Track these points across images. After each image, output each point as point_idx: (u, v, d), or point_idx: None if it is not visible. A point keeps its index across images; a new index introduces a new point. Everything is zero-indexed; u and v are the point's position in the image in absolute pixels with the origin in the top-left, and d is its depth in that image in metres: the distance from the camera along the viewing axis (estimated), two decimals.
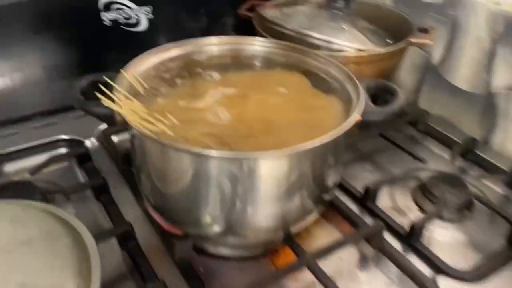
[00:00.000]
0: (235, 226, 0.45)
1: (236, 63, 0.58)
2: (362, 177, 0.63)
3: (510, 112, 0.67)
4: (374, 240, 0.52)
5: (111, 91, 0.45)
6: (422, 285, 0.47)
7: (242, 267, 0.49)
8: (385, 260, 0.50)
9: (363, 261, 0.51)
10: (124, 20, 0.73)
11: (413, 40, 0.67)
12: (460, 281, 0.49)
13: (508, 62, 0.65)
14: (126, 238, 0.50)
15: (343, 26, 0.68)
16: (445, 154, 0.68)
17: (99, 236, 0.48)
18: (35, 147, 0.64)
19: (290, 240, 0.49)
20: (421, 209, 0.58)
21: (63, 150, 0.65)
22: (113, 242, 0.50)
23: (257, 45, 0.58)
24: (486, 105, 0.70)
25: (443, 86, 0.75)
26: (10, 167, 0.62)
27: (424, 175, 0.61)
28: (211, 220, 0.45)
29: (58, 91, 0.71)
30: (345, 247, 0.50)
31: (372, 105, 0.49)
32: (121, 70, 0.49)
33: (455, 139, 0.69)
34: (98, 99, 0.44)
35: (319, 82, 0.55)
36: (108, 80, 0.47)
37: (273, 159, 0.41)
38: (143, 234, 0.52)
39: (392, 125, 0.70)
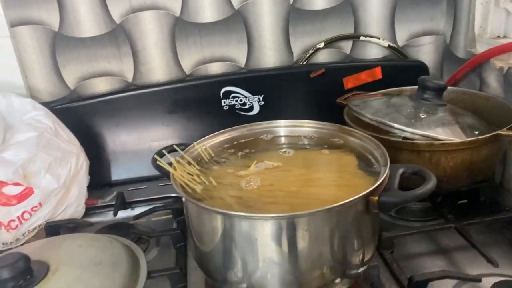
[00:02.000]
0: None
1: (299, 143, 0.65)
2: (426, 269, 0.60)
3: None
4: None
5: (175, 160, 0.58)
6: None
7: None
8: None
9: None
10: (240, 106, 0.87)
11: (501, 132, 0.63)
12: None
13: None
14: (177, 281, 0.60)
15: (422, 115, 0.68)
16: None
17: (154, 272, 0.59)
18: (149, 200, 0.80)
19: None
20: None
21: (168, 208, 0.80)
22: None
23: (320, 128, 0.65)
24: None
25: None
26: (130, 213, 0.80)
27: (489, 280, 0.55)
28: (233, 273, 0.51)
29: None
30: None
31: (395, 187, 0.49)
32: (194, 143, 0.62)
33: None
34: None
35: (366, 163, 0.57)
36: (176, 148, 0.60)
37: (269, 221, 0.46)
38: (195, 280, 0.60)
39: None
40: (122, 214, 0.79)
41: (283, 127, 0.66)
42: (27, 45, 0.83)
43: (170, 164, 0.57)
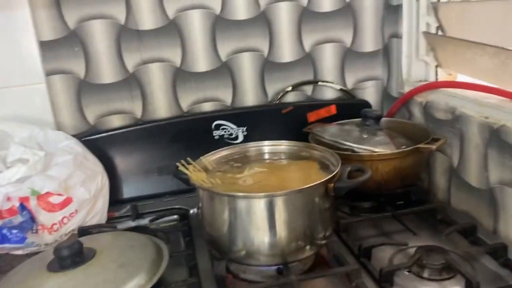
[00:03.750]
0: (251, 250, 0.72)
1: (277, 156, 0.88)
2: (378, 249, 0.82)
3: (505, 203, 0.80)
4: (353, 277, 0.71)
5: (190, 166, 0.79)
6: None
7: None
8: None
9: None
10: (227, 136, 1.11)
11: (420, 146, 0.89)
12: None
13: (496, 161, 0.81)
14: (190, 260, 0.80)
15: (365, 136, 0.93)
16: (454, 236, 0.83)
17: (173, 253, 0.79)
18: (159, 211, 1.00)
19: (286, 266, 0.73)
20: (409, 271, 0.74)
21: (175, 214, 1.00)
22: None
23: (292, 146, 0.89)
24: (490, 198, 0.84)
25: (463, 185, 0.91)
26: (143, 221, 0.99)
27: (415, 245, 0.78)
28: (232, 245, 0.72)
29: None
30: (327, 276, 0.71)
31: (345, 178, 0.73)
32: (201, 157, 0.84)
33: (460, 224, 0.84)
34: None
35: (325, 166, 0.81)
36: (190, 160, 0.81)
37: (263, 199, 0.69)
38: (203, 258, 0.80)
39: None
40: (135, 223, 0.99)
41: (265, 146, 0.90)
42: (58, 90, 1.04)
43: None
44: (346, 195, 0.73)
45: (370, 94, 1.22)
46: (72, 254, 0.71)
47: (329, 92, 1.20)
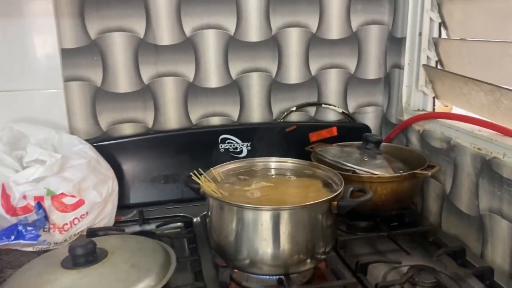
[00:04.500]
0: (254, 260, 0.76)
1: (282, 172, 0.93)
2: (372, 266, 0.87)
3: (493, 230, 0.86)
4: None
5: (202, 177, 0.84)
6: None
7: None
8: None
9: None
10: (232, 149, 1.16)
11: (416, 171, 0.95)
12: None
13: (486, 190, 0.87)
14: (195, 266, 0.84)
15: (365, 159, 0.99)
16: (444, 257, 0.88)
17: (179, 258, 0.83)
18: (165, 217, 1.05)
19: (287, 277, 0.77)
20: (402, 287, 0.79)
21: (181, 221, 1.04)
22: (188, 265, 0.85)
23: (296, 163, 0.94)
24: (479, 224, 0.90)
25: (454, 210, 0.97)
26: (149, 226, 1.03)
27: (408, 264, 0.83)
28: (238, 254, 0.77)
29: (187, 189, 1.13)
30: None
31: (348, 197, 0.78)
32: (211, 168, 0.89)
33: (450, 247, 0.89)
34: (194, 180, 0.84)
35: (328, 185, 0.86)
36: (201, 171, 0.86)
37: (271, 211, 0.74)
38: (207, 265, 0.85)
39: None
40: (141, 228, 1.03)
41: (271, 162, 0.95)
42: (74, 96, 1.09)
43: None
44: (344, 214, 0.79)
45: (370, 119, 1.28)
46: (86, 253, 0.75)
47: (331, 115, 1.26)
